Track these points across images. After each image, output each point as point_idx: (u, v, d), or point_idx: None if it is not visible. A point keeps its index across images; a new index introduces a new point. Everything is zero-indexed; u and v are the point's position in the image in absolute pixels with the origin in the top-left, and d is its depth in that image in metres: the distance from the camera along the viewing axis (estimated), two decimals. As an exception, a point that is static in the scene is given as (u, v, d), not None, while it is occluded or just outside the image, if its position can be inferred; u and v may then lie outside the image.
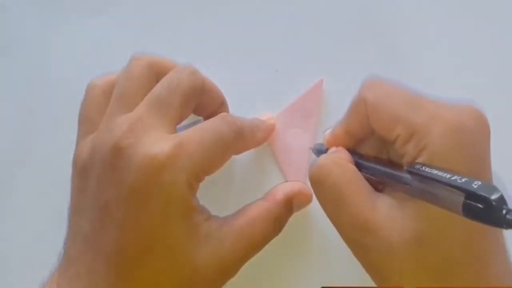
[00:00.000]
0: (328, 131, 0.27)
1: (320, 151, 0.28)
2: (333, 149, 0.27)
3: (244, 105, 0.31)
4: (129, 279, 0.23)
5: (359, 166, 0.25)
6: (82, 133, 0.27)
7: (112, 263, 0.23)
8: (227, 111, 0.30)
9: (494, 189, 0.18)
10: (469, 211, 0.18)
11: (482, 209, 0.18)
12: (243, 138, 0.26)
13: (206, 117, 0.29)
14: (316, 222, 0.31)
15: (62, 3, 0.36)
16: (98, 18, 0.35)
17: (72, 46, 0.35)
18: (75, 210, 0.25)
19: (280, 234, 0.27)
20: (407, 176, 0.22)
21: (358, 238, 0.23)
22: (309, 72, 0.32)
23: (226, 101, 0.30)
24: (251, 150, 0.31)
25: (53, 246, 0.26)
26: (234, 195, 0.32)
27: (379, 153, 0.26)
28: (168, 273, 0.24)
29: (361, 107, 0.24)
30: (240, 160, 0.32)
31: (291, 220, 0.27)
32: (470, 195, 0.18)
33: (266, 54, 0.33)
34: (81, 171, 0.25)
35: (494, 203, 0.18)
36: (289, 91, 0.32)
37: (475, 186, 0.18)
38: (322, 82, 0.32)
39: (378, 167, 0.25)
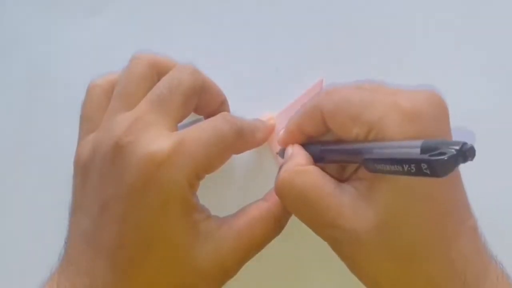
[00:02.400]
0: (282, 132, 0.28)
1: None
2: (289, 149, 0.27)
3: (244, 105, 0.31)
4: (129, 276, 0.23)
5: (317, 157, 0.26)
6: (83, 132, 0.27)
7: (112, 260, 0.23)
8: (228, 110, 0.30)
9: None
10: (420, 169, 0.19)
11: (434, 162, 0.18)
12: (243, 138, 0.27)
13: (207, 116, 0.29)
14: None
15: (62, 3, 0.36)
16: (98, 18, 0.35)
17: (72, 46, 0.35)
18: (76, 208, 0.25)
19: (280, 234, 0.27)
20: (361, 147, 0.23)
21: (330, 234, 0.24)
22: (309, 72, 0.32)
23: (227, 101, 0.30)
24: (251, 150, 0.31)
25: (53, 246, 0.26)
26: (234, 195, 0.32)
27: None
28: (168, 270, 0.24)
29: (316, 115, 0.25)
30: (240, 160, 0.32)
31: (292, 219, 0.27)
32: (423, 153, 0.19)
33: (266, 54, 0.33)
34: (82, 170, 0.25)
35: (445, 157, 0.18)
36: (289, 91, 0.32)
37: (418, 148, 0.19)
38: (322, 82, 0.32)
39: (334, 147, 0.26)
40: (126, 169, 0.23)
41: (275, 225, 0.26)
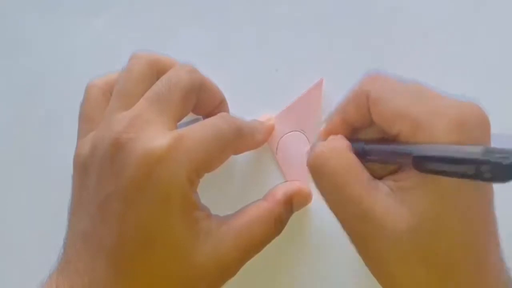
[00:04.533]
0: (323, 125, 0.27)
1: None
2: (331, 137, 0.26)
3: (244, 105, 0.31)
4: (128, 274, 0.23)
5: (359, 154, 0.24)
6: (82, 132, 0.27)
7: (111, 258, 0.23)
8: (227, 109, 0.30)
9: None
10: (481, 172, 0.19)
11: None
12: (242, 137, 0.27)
13: (206, 116, 0.29)
14: (317, 221, 0.31)
15: (62, 4, 0.36)
16: (98, 18, 0.35)
17: (72, 46, 0.36)
18: (76, 207, 0.25)
19: (280, 234, 0.27)
20: (412, 147, 0.22)
21: (357, 225, 0.23)
22: (309, 72, 0.32)
23: (226, 100, 0.30)
24: (251, 150, 0.31)
25: (53, 246, 0.26)
26: (234, 195, 0.32)
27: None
28: (167, 268, 0.23)
29: (362, 100, 0.24)
30: (240, 160, 0.32)
31: (292, 219, 0.27)
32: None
33: (266, 54, 0.33)
34: (82, 168, 0.25)
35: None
36: (289, 91, 0.32)
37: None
38: (322, 82, 0.32)
39: (381, 146, 0.24)
40: (125, 166, 0.23)
41: (275, 225, 0.26)
